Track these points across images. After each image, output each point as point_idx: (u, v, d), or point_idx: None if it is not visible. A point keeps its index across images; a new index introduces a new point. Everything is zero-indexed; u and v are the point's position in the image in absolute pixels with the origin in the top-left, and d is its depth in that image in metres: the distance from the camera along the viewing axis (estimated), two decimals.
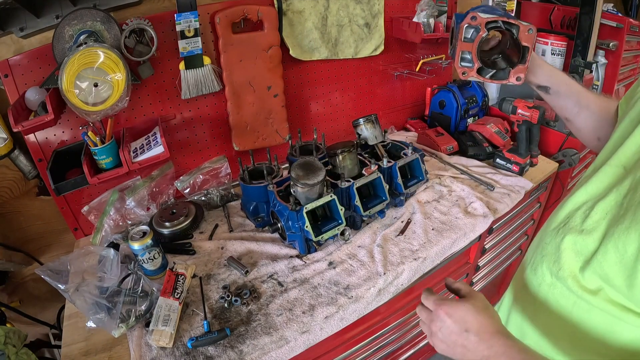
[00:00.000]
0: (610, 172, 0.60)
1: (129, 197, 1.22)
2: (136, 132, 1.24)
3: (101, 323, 0.89)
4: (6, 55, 1.05)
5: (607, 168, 0.61)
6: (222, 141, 1.45)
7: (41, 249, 1.32)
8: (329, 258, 1.11)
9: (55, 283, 0.88)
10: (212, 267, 1.10)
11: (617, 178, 0.59)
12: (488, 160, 1.60)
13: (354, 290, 1.01)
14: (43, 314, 1.35)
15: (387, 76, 1.74)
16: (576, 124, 0.84)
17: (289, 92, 1.49)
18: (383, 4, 1.54)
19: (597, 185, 0.62)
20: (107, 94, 1.01)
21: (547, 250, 0.64)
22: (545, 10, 1.77)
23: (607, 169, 0.61)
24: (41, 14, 1.06)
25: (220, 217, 1.32)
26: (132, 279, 0.99)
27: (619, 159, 0.60)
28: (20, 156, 1.15)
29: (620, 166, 0.59)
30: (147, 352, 0.87)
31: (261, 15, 1.28)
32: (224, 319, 0.94)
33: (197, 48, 1.19)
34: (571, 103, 0.81)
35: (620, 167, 0.59)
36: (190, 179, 1.36)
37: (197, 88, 1.26)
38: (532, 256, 0.70)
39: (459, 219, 1.25)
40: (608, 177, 0.60)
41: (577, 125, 0.85)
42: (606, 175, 0.61)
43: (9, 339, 0.89)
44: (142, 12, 1.19)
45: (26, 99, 1.05)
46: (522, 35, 0.75)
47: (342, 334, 1.05)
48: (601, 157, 0.66)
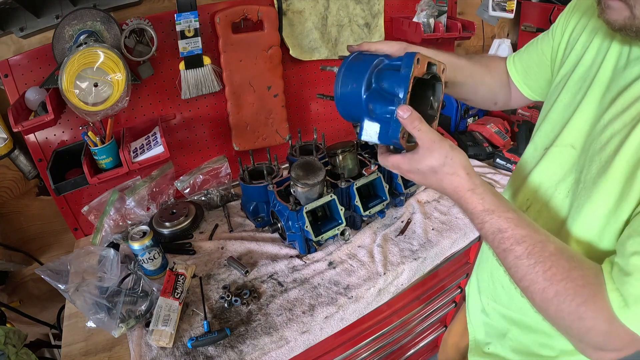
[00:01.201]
0: (559, 152, 0.63)
1: (129, 197, 1.22)
2: (136, 132, 1.24)
3: (101, 323, 0.89)
4: (6, 55, 1.05)
5: (556, 149, 0.64)
6: (222, 141, 1.45)
7: (41, 249, 1.32)
8: (329, 258, 1.11)
9: (55, 283, 0.88)
10: (212, 267, 1.10)
11: (569, 158, 0.62)
12: (488, 160, 1.60)
13: (354, 290, 1.01)
14: (43, 314, 1.35)
15: None
16: (476, 100, 0.85)
17: (289, 92, 1.49)
18: (383, 4, 1.54)
19: (549, 166, 0.65)
20: (107, 94, 1.01)
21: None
22: (545, 10, 1.77)
23: (555, 149, 0.64)
24: (41, 14, 1.06)
25: (220, 217, 1.32)
26: (132, 279, 0.99)
27: (565, 139, 0.63)
28: (20, 156, 1.15)
29: (569, 146, 0.62)
30: (147, 352, 0.87)
31: (261, 15, 1.28)
32: (224, 319, 0.94)
33: (197, 48, 1.19)
34: (468, 86, 0.79)
35: (569, 146, 0.62)
36: (190, 179, 1.36)
37: (197, 88, 1.26)
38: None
39: (459, 219, 1.25)
40: (558, 158, 0.64)
41: (477, 101, 0.85)
42: (556, 157, 0.64)
43: (9, 339, 0.89)
44: (142, 12, 1.19)
45: (26, 99, 1.05)
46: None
47: (342, 334, 1.05)
48: (542, 136, 0.69)
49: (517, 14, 1.79)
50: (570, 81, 0.65)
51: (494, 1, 1.61)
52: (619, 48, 0.58)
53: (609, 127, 0.54)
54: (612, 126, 0.54)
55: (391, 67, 0.58)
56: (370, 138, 0.59)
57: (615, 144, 0.52)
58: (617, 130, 0.53)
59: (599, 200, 0.53)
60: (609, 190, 0.52)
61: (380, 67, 0.60)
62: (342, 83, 0.62)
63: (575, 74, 0.64)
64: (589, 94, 0.60)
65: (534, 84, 0.79)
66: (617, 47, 0.58)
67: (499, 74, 0.83)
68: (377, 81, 0.59)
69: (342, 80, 0.62)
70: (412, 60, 0.54)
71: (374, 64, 0.60)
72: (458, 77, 0.75)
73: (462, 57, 0.79)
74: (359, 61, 0.62)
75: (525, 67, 0.79)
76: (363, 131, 0.60)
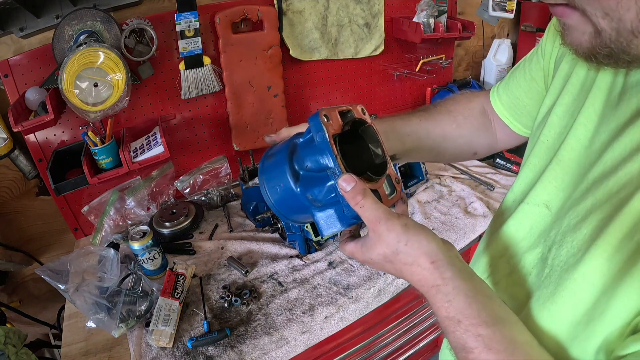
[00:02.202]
0: (530, 211, 0.49)
1: (129, 197, 1.22)
2: (136, 132, 1.24)
3: (101, 323, 0.89)
4: (6, 55, 1.05)
5: (526, 207, 0.50)
6: (222, 141, 1.45)
7: (41, 249, 1.31)
8: (329, 258, 1.11)
9: (55, 283, 0.88)
10: (212, 267, 1.10)
11: (541, 220, 0.48)
12: (488, 160, 1.60)
13: (354, 290, 1.01)
14: (43, 314, 1.35)
15: (387, 76, 1.74)
16: (447, 158, 0.72)
17: (289, 92, 1.49)
18: (383, 4, 1.54)
19: (517, 228, 0.51)
20: (107, 94, 1.01)
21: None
22: (545, 11, 1.77)
23: (525, 207, 0.50)
24: (41, 14, 1.06)
25: (220, 217, 1.32)
26: (132, 279, 0.99)
27: (539, 196, 0.48)
28: (20, 156, 1.15)
29: (542, 205, 0.48)
30: (147, 352, 0.87)
31: (261, 15, 1.28)
32: (224, 319, 0.94)
33: (197, 48, 1.19)
34: (426, 150, 0.65)
35: (542, 205, 0.48)
36: (190, 179, 1.36)
37: (197, 88, 1.26)
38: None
39: (459, 219, 1.25)
40: (529, 219, 0.49)
41: (448, 158, 0.72)
42: (526, 216, 0.50)
43: (9, 339, 0.89)
44: (142, 12, 1.19)
45: (26, 99, 1.05)
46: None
47: (342, 334, 1.05)
48: (521, 185, 0.54)
49: (517, 14, 1.79)
50: (553, 115, 0.50)
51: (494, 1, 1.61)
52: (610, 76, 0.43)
53: (590, 193, 0.40)
54: (594, 194, 0.39)
55: (305, 143, 0.47)
56: (334, 227, 0.46)
57: (594, 224, 0.38)
58: (598, 201, 0.38)
59: (565, 302, 0.40)
60: (579, 294, 0.38)
61: (295, 150, 0.49)
62: (269, 189, 0.50)
63: (560, 104, 0.49)
64: (571, 136, 0.45)
65: (525, 119, 0.63)
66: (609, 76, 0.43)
67: (473, 117, 0.67)
68: (300, 166, 0.47)
69: (267, 187, 0.50)
70: (317, 119, 0.44)
71: (288, 150, 0.49)
72: (407, 144, 0.60)
73: (410, 115, 0.63)
74: (272, 158, 0.51)
75: (512, 98, 0.63)
76: (321, 226, 0.47)
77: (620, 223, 0.35)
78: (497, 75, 1.92)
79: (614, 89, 0.42)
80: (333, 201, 0.45)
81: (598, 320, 0.36)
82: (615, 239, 0.35)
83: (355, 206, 0.41)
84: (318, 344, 0.96)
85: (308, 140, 0.47)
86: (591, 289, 0.37)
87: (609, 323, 0.35)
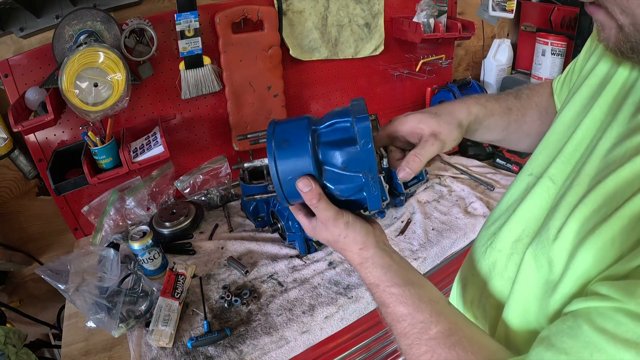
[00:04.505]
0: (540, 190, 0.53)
1: (129, 197, 1.22)
2: (136, 132, 1.24)
3: (101, 323, 0.89)
4: (6, 55, 1.05)
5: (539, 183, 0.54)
6: (222, 141, 1.45)
7: (41, 249, 1.32)
8: (329, 258, 1.11)
9: (55, 283, 0.88)
10: (212, 267, 1.10)
11: (547, 194, 0.52)
12: (488, 160, 1.60)
13: (354, 290, 1.01)
14: (43, 314, 1.35)
15: (387, 76, 1.74)
16: (515, 147, 0.74)
17: (289, 92, 1.49)
18: (383, 4, 1.54)
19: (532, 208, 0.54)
20: (107, 94, 1.01)
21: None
22: (545, 10, 1.77)
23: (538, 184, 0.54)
24: (41, 14, 1.06)
25: (220, 217, 1.32)
26: (132, 279, 0.99)
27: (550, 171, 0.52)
28: (20, 156, 1.15)
29: (547, 178, 0.52)
30: (147, 352, 0.87)
31: (261, 15, 1.28)
32: (224, 319, 0.94)
33: (197, 48, 1.19)
34: (503, 140, 0.69)
35: (548, 179, 0.52)
36: (190, 179, 1.36)
37: (197, 88, 1.26)
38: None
39: (459, 219, 1.25)
40: (521, 187, 0.58)
41: (513, 147, 0.74)
42: (538, 194, 0.54)
43: (9, 339, 0.89)
44: (142, 12, 1.19)
45: (26, 99, 1.05)
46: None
47: (342, 334, 1.05)
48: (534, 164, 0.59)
49: (517, 14, 1.79)
50: (575, 97, 0.53)
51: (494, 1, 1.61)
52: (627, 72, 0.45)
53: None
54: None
55: (339, 142, 0.49)
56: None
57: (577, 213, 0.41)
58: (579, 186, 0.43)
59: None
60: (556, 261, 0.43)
61: (320, 142, 0.50)
62: (282, 176, 0.49)
63: (583, 89, 0.52)
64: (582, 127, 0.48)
65: None
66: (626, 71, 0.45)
67: (539, 109, 0.68)
68: (328, 162, 0.49)
69: (280, 172, 0.49)
70: (368, 125, 0.46)
71: (310, 140, 0.49)
72: (494, 136, 0.66)
73: (508, 111, 0.65)
74: (289, 145, 0.49)
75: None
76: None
77: (593, 199, 0.39)
78: (497, 75, 1.92)
79: (627, 83, 0.44)
80: (356, 195, 0.51)
81: (559, 284, 0.40)
82: (589, 211, 0.39)
83: (312, 206, 0.50)
84: (318, 344, 0.96)
85: (343, 139, 0.48)
86: (565, 253, 0.41)
87: (565, 286, 0.39)
